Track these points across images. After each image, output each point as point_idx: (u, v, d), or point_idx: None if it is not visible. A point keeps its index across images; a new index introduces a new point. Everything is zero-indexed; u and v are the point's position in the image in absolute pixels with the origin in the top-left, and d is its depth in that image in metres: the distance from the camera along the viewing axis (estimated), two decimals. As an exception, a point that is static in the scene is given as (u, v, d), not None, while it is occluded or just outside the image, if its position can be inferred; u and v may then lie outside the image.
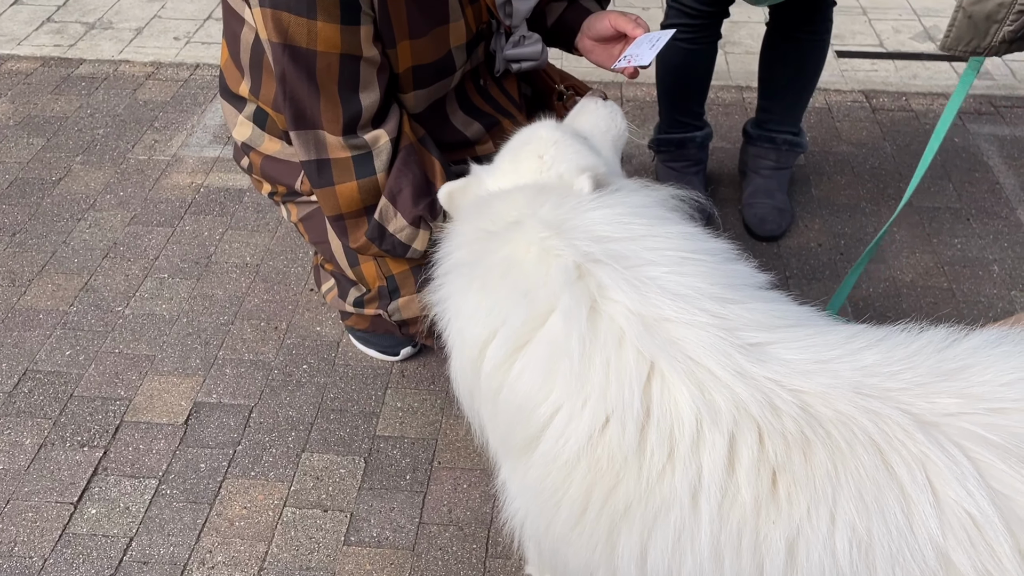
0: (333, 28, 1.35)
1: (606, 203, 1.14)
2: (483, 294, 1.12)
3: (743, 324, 1.00)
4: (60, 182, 2.63)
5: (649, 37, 1.56)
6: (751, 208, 2.44)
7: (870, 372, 0.95)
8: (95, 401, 1.97)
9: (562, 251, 1.06)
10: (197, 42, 3.35)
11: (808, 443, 0.92)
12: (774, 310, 1.04)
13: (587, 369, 1.00)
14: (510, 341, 1.06)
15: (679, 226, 1.13)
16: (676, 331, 0.99)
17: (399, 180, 1.50)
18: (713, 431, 0.94)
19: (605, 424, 0.98)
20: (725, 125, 2.88)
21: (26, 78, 3.12)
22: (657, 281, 1.02)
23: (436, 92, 1.58)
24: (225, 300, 2.24)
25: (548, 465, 1.03)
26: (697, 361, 0.97)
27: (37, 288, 2.27)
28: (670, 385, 0.97)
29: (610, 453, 0.98)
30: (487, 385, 1.10)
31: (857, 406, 0.92)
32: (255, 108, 1.64)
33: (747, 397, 0.94)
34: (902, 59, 3.23)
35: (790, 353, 0.98)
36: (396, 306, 1.75)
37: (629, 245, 1.06)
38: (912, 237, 2.42)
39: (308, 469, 1.84)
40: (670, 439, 0.95)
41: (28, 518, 1.74)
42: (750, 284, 1.08)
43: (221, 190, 2.60)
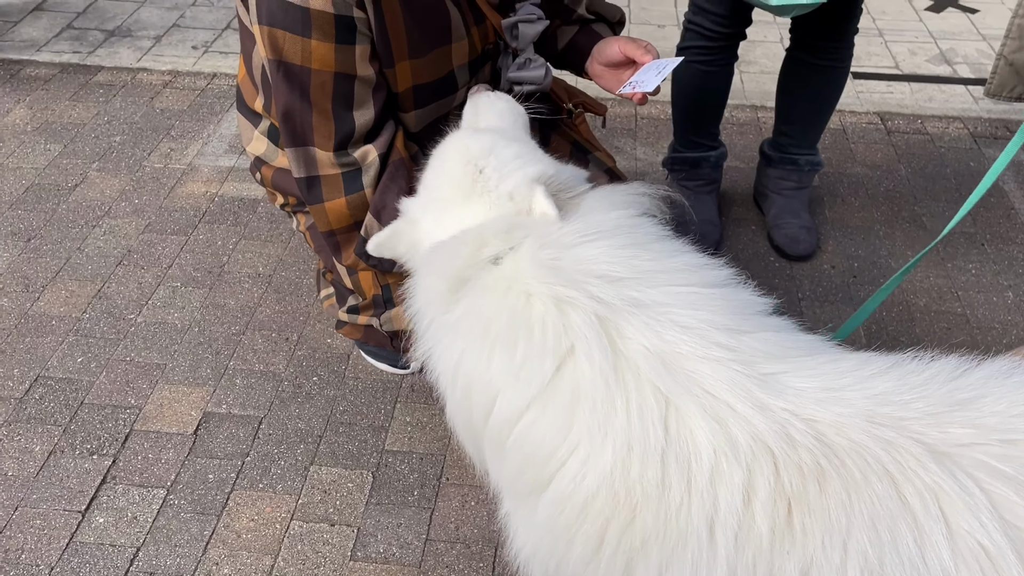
0: (327, 47, 1.36)
1: (593, 233, 1.12)
2: (492, 350, 1.08)
3: (756, 355, 1.00)
4: (76, 188, 2.65)
5: (657, 64, 1.56)
6: (780, 229, 2.43)
7: (882, 401, 0.95)
8: (105, 409, 1.98)
9: (576, 298, 1.04)
10: (215, 51, 3.37)
11: (823, 473, 0.92)
12: (785, 340, 1.04)
13: (609, 409, 1.00)
14: (528, 393, 1.04)
15: (682, 256, 1.12)
16: (692, 366, 0.99)
17: (384, 196, 1.50)
18: (731, 464, 0.94)
19: (625, 461, 0.98)
20: (739, 144, 2.88)
21: (44, 84, 3.15)
22: (670, 316, 1.02)
23: (438, 110, 1.59)
24: (237, 310, 2.24)
25: (561, 503, 1.02)
26: (715, 396, 0.97)
27: (50, 294, 2.28)
28: (686, 420, 0.97)
29: (628, 488, 0.98)
30: (495, 433, 1.09)
31: (871, 435, 0.92)
32: (269, 124, 1.65)
33: (764, 429, 0.94)
34: (918, 82, 3.23)
35: (802, 382, 0.98)
36: (388, 316, 1.75)
37: (639, 284, 1.05)
38: (926, 261, 2.41)
39: (316, 482, 1.84)
40: (688, 473, 0.95)
41: (36, 525, 1.74)
42: (757, 312, 1.08)
43: (235, 200, 2.61)
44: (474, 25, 1.52)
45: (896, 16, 3.64)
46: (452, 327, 1.13)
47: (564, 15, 1.76)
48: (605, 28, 1.76)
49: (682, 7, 3.69)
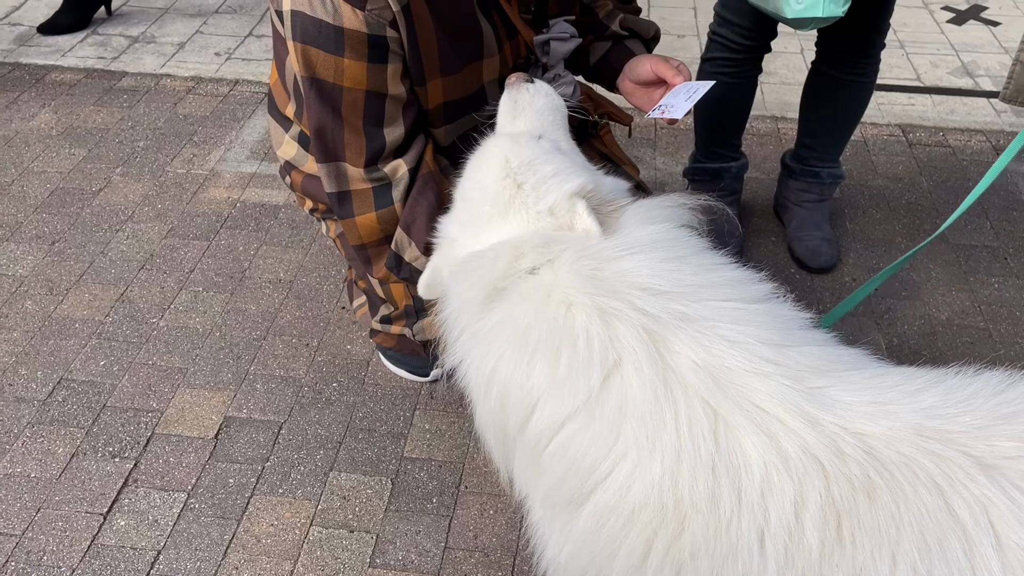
0: (360, 66, 1.37)
1: (633, 246, 1.12)
2: (533, 358, 1.07)
3: (803, 370, 1.01)
4: (100, 193, 2.67)
5: (688, 86, 1.55)
6: (801, 241, 2.43)
7: (930, 414, 0.96)
8: (127, 412, 1.99)
9: (621, 310, 1.04)
10: (237, 58, 3.40)
11: (873, 485, 0.93)
12: (829, 354, 1.04)
13: (658, 422, 1.00)
14: (572, 404, 1.04)
15: (723, 271, 1.12)
16: (741, 380, 0.99)
17: (414, 209, 1.51)
18: (783, 477, 0.94)
19: (675, 473, 0.98)
20: (759, 155, 2.87)
21: (70, 89, 3.18)
22: (716, 331, 1.03)
23: (467, 124, 1.59)
24: (258, 315, 2.25)
25: (604, 516, 1.02)
26: (765, 410, 0.97)
27: (74, 297, 2.30)
28: (736, 433, 0.97)
29: (677, 500, 0.98)
30: (532, 443, 1.09)
31: (919, 448, 0.93)
32: (299, 130, 1.66)
33: (815, 442, 0.95)
34: (940, 94, 3.21)
35: (849, 395, 0.98)
36: (420, 326, 1.76)
37: (683, 298, 1.05)
38: (948, 275, 2.39)
39: (335, 488, 1.84)
40: (738, 486, 0.96)
41: (58, 527, 1.75)
42: (799, 326, 1.08)
43: (257, 205, 2.63)
44: (507, 40, 1.53)
45: (917, 28, 3.63)
46: (486, 335, 1.13)
47: (597, 31, 1.76)
48: (638, 44, 1.75)
49: (702, 17, 3.69)
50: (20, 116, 3.02)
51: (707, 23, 3.45)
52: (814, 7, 1.82)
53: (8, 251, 2.44)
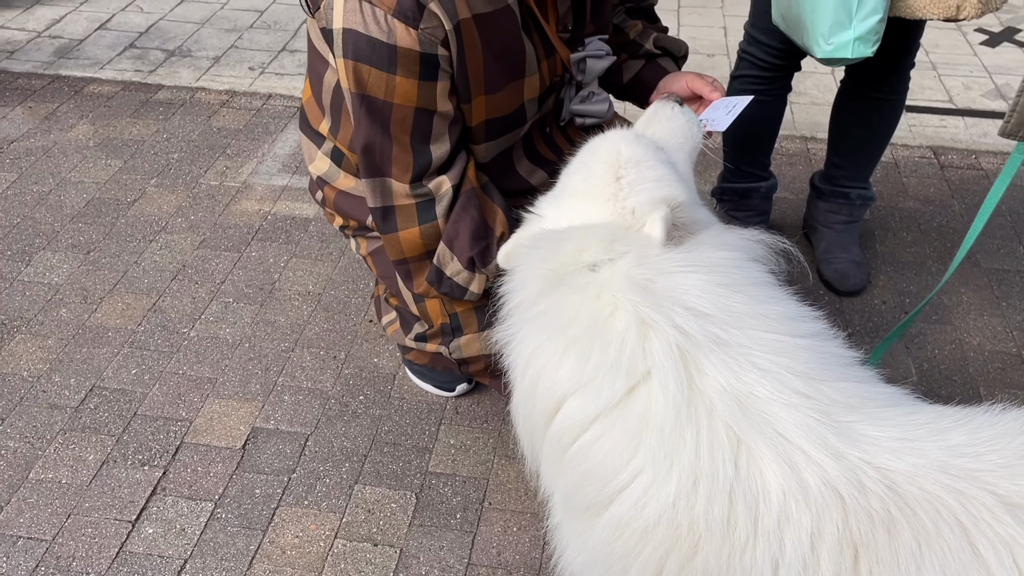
0: (411, 83, 1.39)
1: (693, 265, 1.12)
2: (567, 351, 1.09)
3: (833, 405, 1.00)
4: (135, 204, 2.72)
5: (726, 101, 1.56)
6: (830, 264, 2.41)
7: (956, 452, 0.95)
8: (157, 421, 2.02)
9: (659, 324, 1.05)
10: (271, 73, 3.45)
11: (893, 521, 0.92)
12: (863, 391, 1.04)
13: (678, 441, 1.00)
14: (596, 407, 1.05)
15: (776, 305, 1.11)
16: (768, 408, 0.99)
17: (457, 225, 1.52)
18: (801, 508, 0.94)
19: (691, 494, 0.98)
20: (788, 175, 2.86)
21: (107, 101, 3.25)
22: (749, 358, 1.02)
23: (505, 142, 1.61)
24: (287, 327, 2.28)
25: (620, 529, 1.03)
26: (789, 440, 0.97)
27: (107, 306, 2.34)
28: (757, 460, 0.97)
29: (692, 522, 0.98)
30: (556, 439, 1.10)
31: (943, 486, 0.92)
32: (333, 146, 1.68)
33: (836, 476, 0.94)
34: (972, 116, 3.19)
35: (877, 431, 0.98)
36: (457, 344, 1.76)
37: (724, 324, 1.05)
38: (980, 300, 2.37)
39: (360, 501, 1.85)
40: (755, 513, 0.95)
41: (87, 534, 1.78)
42: (842, 364, 1.08)
43: (288, 218, 2.66)
44: (544, 59, 1.54)
45: (950, 49, 3.60)
46: (534, 318, 1.15)
47: (631, 49, 1.77)
48: (670, 62, 1.77)
49: (732, 37, 3.70)
50: (59, 127, 3.09)
51: (737, 43, 3.45)
52: (844, 48, 1.82)
53: (45, 260, 2.49)
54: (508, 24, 1.46)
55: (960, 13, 1.77)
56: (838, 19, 1.79)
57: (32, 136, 3.04)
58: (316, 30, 1.50)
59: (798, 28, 1.92)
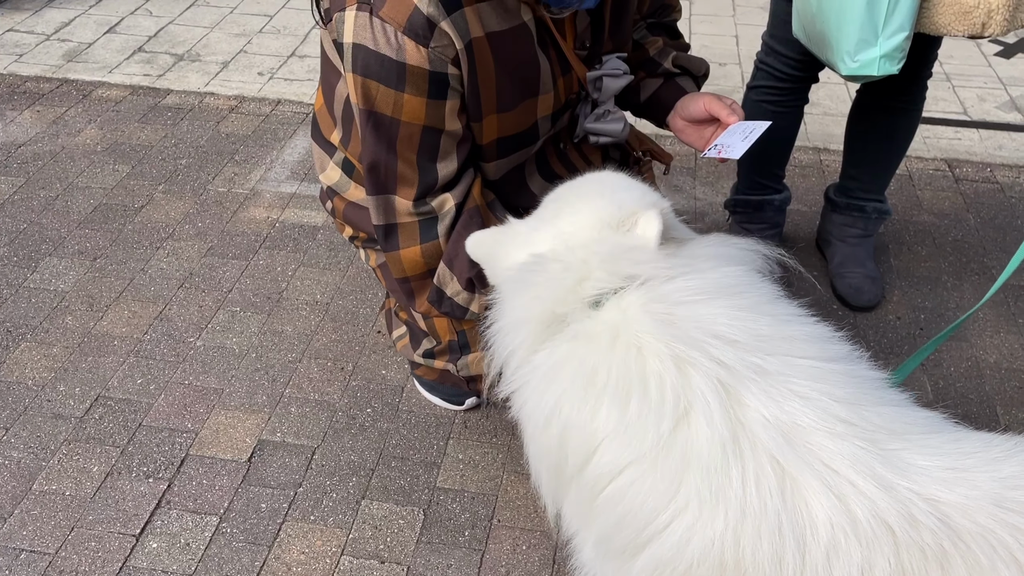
0: (419, 101, 1.37)
1: (708, 290, 1.09)
2: (599, 400, 1.05)
3: (878, 432, 0.98)
4: (142, 210, 2.70)
5: (743, 126, 1.53)
6: (844, 279, 2.38)
7: (1010, 484, 0.92)
8: (163, 432, 1.99)
9: (697, 359, 1.02)
10: (280, 78, 3.43)
11: (946, 556, 0.89)
12: (905, 416, 1.01)
13: (724, 477, 0.97)
14: (638, 452, 1.02)
15: (800, 325, 1.09)
16: (813, 439, 0.96)
17: (457, 244, 1.49)
18: (851, 542, 0.91)
19: (737, 530, 0.96)
20: (802, 187, 2.83)
21: (115, 105, 3.23)
22: (790, 387, 1.00)
23: (517, 159, 1.58)
24: (294, 337, 2.25)
25: (659, 569, 1.00)
26: (836, 471, 0.94)
27: (113, 314, 2.31)
28: (803, 493, 0.94)
29: (737, 559, 0.95)
30: (590, 484, 1.06)
31: (998, 520, 0.89)
32: (343, 157, 1.66)
33: (886, 508, 0.91)
34: (987, 128, 3.15)
35: (925, 460, 0.95)
36: (465, 362, 1.73)
37: (759, 351, 1.03)
38: (997, 316, 2.33)
39: (367, 517, 1.82)
40: (803, 548, 0.93)
41: (91, 547, 1.75)
42: (874, 387, 1.05)
43: (296, 226, 2.64)
44: (560, 76, 1.51)
45: (964, 61, 3.57)
46: (548, 370, 1.11)
47: (650, 68, 1.74)
48: (689, 82, 1.74)
49: (744, 46, 3.67)
50: (67, 131, 3.07)
51: (749, 52, 3.42)
52: (870, 66, 1.79)
53: (51, 266, 2.47)
54: (523, 42, 1.43)
55: (985, 30, 1.74)
56: (864, 36, 1.76)
57: (40, 140, 3.03)
58: (329, 41, 1.48)
59: (821, 43, 1.89)
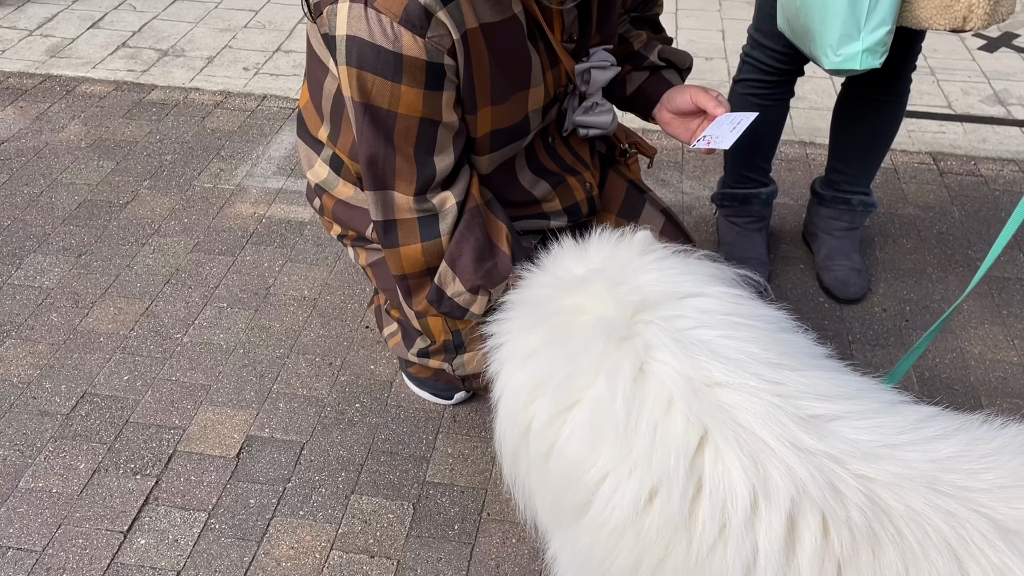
0: (416, 93, 1.36)
1: (660, 265, 1.12)
2: (537, 345, 1.08)
3: (800, 392, 0.95)
4: (127, 206, 2.68)
5: (730, 118, 1.53)
6: (830, 271, 2.39)
7: (947, 467, 0.90)
8: (150, 428, 1.98)
9: (609, 307, 1.02)
10: (265, 73, 3.41)
11: (877, 540, 0.87)
12: (834, 379, 0.98)
13: (633, 434, 0.95)
14: (556, 400, 1.02)
15: (731, 288, 1.09)
16: (727, 397, 0.94)
17: (460, 245, 1.49)
18: (770, 509, 0.89)
19: (652, 493, 0.94)
20: (788, 181, 2.84)
21: (99, 101, 3.21)
22: (708, 344, 0.98)
23: (509, 153, 1.58)
24: (281, 333, 2.25)
25: (596, 532, 0.99)
26: (749, 430, 0.92)
27: (99, 311, 2.30)
28: (723, 455, 0.92)
29: (658, 524, 0.93)
30: (536, 447, 1.06)
31: (931, 504, 0.87)
32: (332, 153, 1.65)
33: (804, 475, 0.89)
34: (971, 122, 3.18)
35: (856, 432, 0.92)
36: (461, 361, 1.73)
37: (678, 304, 1.02)
38: (981, 308, 2.35)
39: (356, 512, 1.82)
40: (723, 513, 0.91)
41: (78, 544, 1.74)
42: (808, 353, 1.03)
43: (283, 222, 2.63)
44: (549, 69, 1.51)
45: (948, 55, 3.59)
46: (520, 311, 1.18)
47: (635, 61, 1.75)
48: (674, 74, 1.74)
49: (730, 40, 3.68)
50: (50, 127, 3.05)
51: (735, 46, 3.43)
52: (852, 60, 1.80)
53: (35, 263, 2.45)
54: (515, 34, 1.43)
55: (967, 24, 1.75)
56: (847, 30, 1.77)
57: (23, 136, 3.00)
58: (317, 35, 1.47)
59: (805, 37, 1.90)
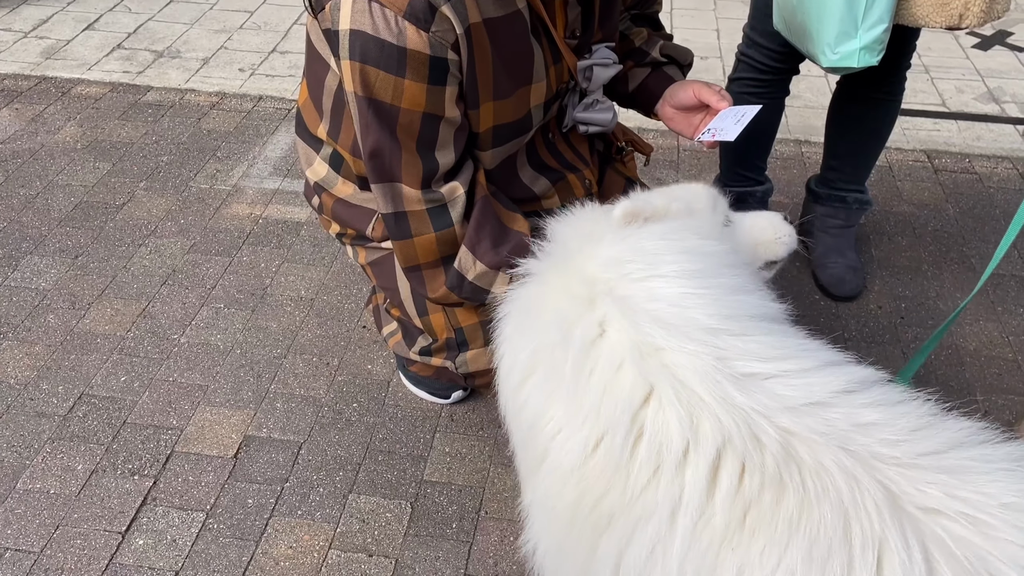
0: (419, 87, 1.36)
1: (640, 234, 1.20)
2: (521, 321, 1.21)
3: (737, 354, 1.03)
4: (123, 207, 2.68)
5: (734, 111, 1.54)
6: (826, 269, 2.40)
7: (865, 431, 0.94)
8: (147, 429, 1.98)
9: (579, 286, 1.13)
10: (261, 74, 3.41)
11: (782, 487, 0.94)
12: (773, 342, 1.05)
13: (584, 390, 1.06)
14: (522, 366, 1.16)
15: (688, 255, 1.15)
16: (669, 358, 1.03)
17: (479, 231, 1.50)
18: (697, 455, 0.97)
19: (600, 439, 1.04)
20: (783, 179, 2.85)
21: (95, 103, 3.21)
22: (654, 313, 1.07)
23: (512, 148, 1.58)
24: (279, 333, 2.25)
25: (551, 475, 1.09)
26: (687, 386, 1.00)
27: (96, 312, 2.30)
28: (665, 408, 1.01)
29: (602, 466, 1.03)
30: (512, 404, 1.19)
31: (839, 464, 0.92)
32: (331, 151, 1.65)
33: (730, 425, 0.97)
34: (965, 120, 3.19)
35: (786, 389, 0.99)
36: (464, 359, 1.73)
37: (635, 280, 1.12)
38: (976, 305, 2.36)
39: (354, 511, 1.82)
40: (658, 457, 1.00)
41: (76, 545, 1.74)
42: (756, 316, 1.09)
43: (279, 222, 2.63)
44: (551, 65, 1.52)
45: (942, 53, 3.61)
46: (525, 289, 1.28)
47: (637, 57, 1.75)
48: (676, 70, 1.75)
49: (725, 39, 3.69)
50: (46, 129, 3.05)
51: (730, 44, 3.44)
52: (850, 58, 1.81)
53: (32, 264, 2.45)
54: (518, 29, 1.43)
55: (963, 22, 1.76)
56: (844, 29, 1.78)
57: (19, 138, 3.00)
58: (318, 32, 1.47)
59: (802, 36, 1.91)
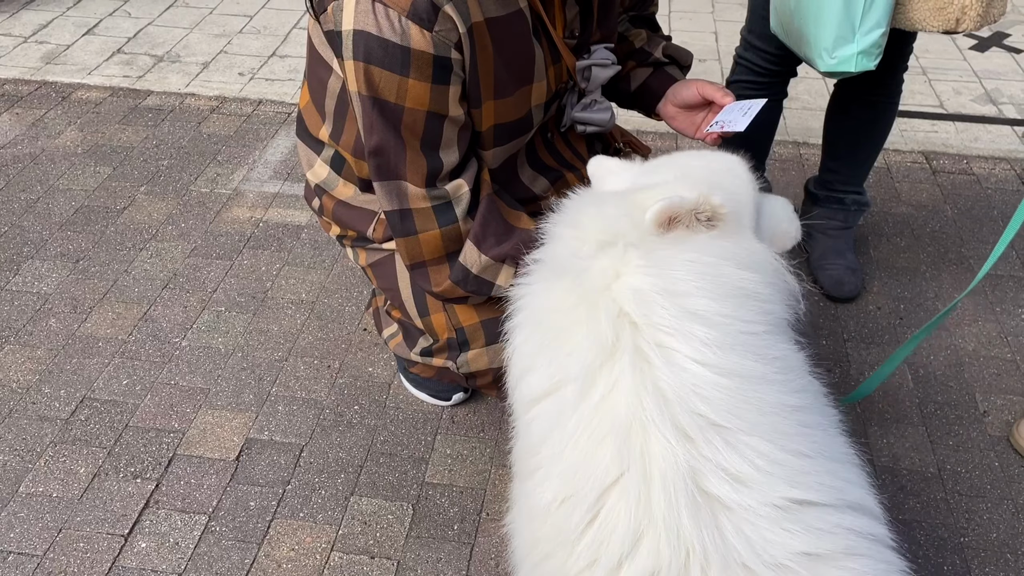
0: (423, 86, 1.37)
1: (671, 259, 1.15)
2: (535, 332, 1.20)
3: (713, 467, 1.01)
4: (124, 211, 2.69)
5: (740, 105, 1.56)
6: (825, 271, 2.41)
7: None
8: (149, 432, 1.99)
9: (606, 322, 1.11)
10: (261, 78, 3.42)
11: None
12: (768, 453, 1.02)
13: (573, 446, 1.06)
14: (537, 388, 1.15)
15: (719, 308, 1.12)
16: (651, 442, 1.01)
17: (484, 227, 1.51)
18: (629, 572, 0.99)
19: (566, 500, 1.05)
20: (782, 181, 2.86)
21: (95, 107, 3.21)
22: (660, 383, 1.05)
23: (513, 148, 1.59)
24: (280, 336, 2.26)
25: (528, 499, 1.14)
26: (650, 488, 0.99)
27: (97, 316, 2.31)
28: (622, 503, 1.00)
29: (557, 527, 1.06)
30: (522, 413, 1.20)
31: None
32: (333, 153, 1.66)
33: (665, 559, 0.97)
34: (963, 121, 3.20)
35: (742, 529, 0.97)
36: (465, 359, 1.73)
37: (661, 331, 1.09)
38: (975, 305, 2.37)
39: (356, 513, 1.83)
40: (598, 551, 1.00)
41: (79, 548, 1.75)
42: (769, 411, 1.04)
43: (280, 225, 2.64)
44: (551, 65, 1.53)
45: (940, 54, 3.62)
46: (536, 277, 1.27)
47: (639, 58, 1.77)
48: (677, 71, 1.77)
49: (723, 42, 3.70)
50: (46, 134, 3.06)
51: (728, 47, 3.45)
52: (847, 62, 1.82)
53: (33, 268, 2.46)
54: (520, 28, 1.44)
55: (960, 26, 1.77)
56: (842, 33, 1.79)
57: (19, 143, 3.01)
58: (319, 34, 1.48)
59: (799, 40, 1.92)
